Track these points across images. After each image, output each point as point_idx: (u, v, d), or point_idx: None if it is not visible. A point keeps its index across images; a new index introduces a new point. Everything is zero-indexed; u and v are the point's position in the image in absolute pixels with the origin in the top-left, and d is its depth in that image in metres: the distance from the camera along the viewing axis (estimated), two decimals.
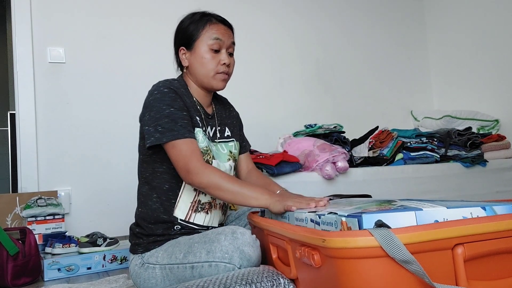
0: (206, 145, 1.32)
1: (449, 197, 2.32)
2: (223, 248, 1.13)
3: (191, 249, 1.19)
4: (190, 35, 1.36)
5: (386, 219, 0.79)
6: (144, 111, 1.30)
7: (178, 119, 1.25)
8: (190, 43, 1.36)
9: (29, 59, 2.41)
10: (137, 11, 2.69)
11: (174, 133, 1.22)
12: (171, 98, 1.27)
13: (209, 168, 1.22)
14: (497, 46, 3.02)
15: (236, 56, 1.49)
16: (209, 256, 1.15)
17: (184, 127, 1.24)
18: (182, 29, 1.39)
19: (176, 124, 1.24)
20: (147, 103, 1.30)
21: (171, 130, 1.23)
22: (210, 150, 1.33)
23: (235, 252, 1.12)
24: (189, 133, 1.25)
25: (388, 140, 2.39)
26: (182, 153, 1.22)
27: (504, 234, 0.82)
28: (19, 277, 1.55)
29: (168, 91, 1.28)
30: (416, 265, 0.73)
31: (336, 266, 0.78)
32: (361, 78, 3.35)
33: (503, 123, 2.96)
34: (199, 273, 1.16)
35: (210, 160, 1.32)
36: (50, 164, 2.40)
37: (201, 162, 1.22)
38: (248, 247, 1.14)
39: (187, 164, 1.21)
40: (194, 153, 1.22)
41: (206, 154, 1.31)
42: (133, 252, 1.33)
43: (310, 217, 0.97)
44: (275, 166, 1.97)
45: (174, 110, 1.25)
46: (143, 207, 1.34)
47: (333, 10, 3.32)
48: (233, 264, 1.12)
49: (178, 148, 1.23)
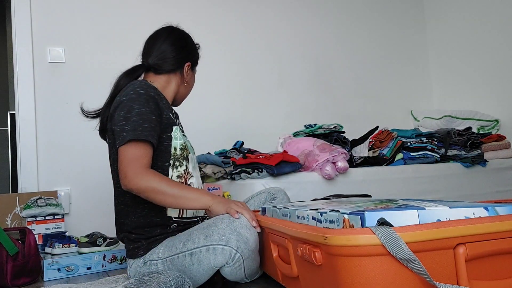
0: (184, 141, 1.36)
1: (449, 197, 2.32)
2: (220, 230, 1.15)
3: (190, 237, 1.21)
4: (197, 59, 1.54)
5: (388, 217, 0.79)
6: (114, 109, 1.28)
7: (146, 120, 1.23)
8: (194, 64, 1.53)
9: (29, 59, 2.41)
10: (137, 11, 2.69)
11: (137, 133, 1.20)
12: (145, 99, 1.26)
13: (149, 173, 1.20)
14: (497, 46, 3.02)
15: (236, 56, 1.51)
16: (207, 240, 1.17)
17: (148, 130, 1.22)
18: (194, 48, 1.52)
19: (142, 124, 1.22)
20: (119, 101, 1.27)
21: (135, 129, 1.21)
22: (186, 145, 1.37)
23: (232, 234, 1.14)
24: (151, 137, 1.22)
25: (388, 140, 2.39)
26: (126, 157, 1.20)
27: (505, 234, 0.82)
28: (18, 277, 1.54)
29: (144, 93, 1.27)
30: (418, 264, 0.73)
31: (338, 264, 0.78)
32: (361, 78, 3.35)
33: (503, 123, 2.96)
34: (197, 259, 1.18)
35: (187, 155, 1.36)
36: (50, 164, 2.40)
37: (142, 167, 1.20)
38: (245, 229, 1.16)
39: (125, 168, 1.19)
40: (137, 159, 1.20)
41: (185, 150, 1.35)
42: (133, 257, 1.31)
43: (312, 214, 0.97)
44: (275, 166, 1.96)
45: (145, 111, 1.24)
46: (131, 217, 1.32)
47: (332, 10, 3.32)
48: (230, 247, 1.14)
49: (126, 150, 1.20)
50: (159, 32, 1.47)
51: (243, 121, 2.91)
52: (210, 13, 2.86)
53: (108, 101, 1.39)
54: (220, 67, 2.87)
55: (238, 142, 2.37)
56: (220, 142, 2.67)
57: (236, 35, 2.96)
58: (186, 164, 1.35)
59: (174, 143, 1.33)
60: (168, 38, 1.44)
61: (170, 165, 1.32)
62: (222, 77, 2.87)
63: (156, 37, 1.46)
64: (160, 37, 1.45)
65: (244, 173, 2.01)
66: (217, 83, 2.85)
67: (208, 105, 2.80)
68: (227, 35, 2.91)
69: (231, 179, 2.13)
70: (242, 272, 1.19)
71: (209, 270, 1.19)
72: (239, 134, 2.85)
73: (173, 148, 1.32)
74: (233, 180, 2.09)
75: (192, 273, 1.20)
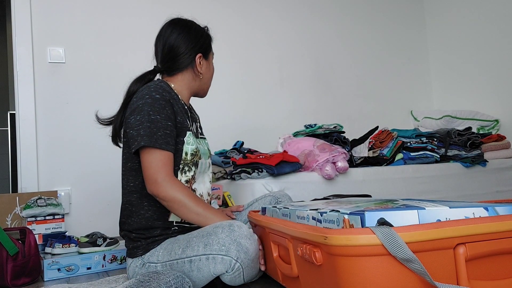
0: (196, 147, 1.34)
1: (449, 197, 2.32)
2: (220, 240, 1.15)
3: (189, 244, 1.21)
4: (208, 46, 1.46)
5: (388, 217, 0.79)
6: (131, 113, 1.28)
7: (161, 128, 1.24)
8: (206, 51, 1.44)
9: (29, 59, 2.41)
10: (136, 11, 2.69)
11: (152, 141, 1.22)
12: (160, 105, 1.26)
13: (177, 184, 1.23)
14: (497, 46, 3.02)
15: (236, 57, 1.51)
16: (207, 249, 1.16)
17: (163, 137, 1.23)
18: (203, 37, 1.43)
19: (157, 133, 1.23)
20: (135, 105, 1.27)
21: (150, 136, 1.22)
22: (198, 150, 1.35)
23: (232, 245, 1.14)
24: (166, 145, 1.24)
25: (388, 140, 2.39)
26: (154, 162, 1.22)
27: (505, 234, 0.82)
28: (18, 277, 1.54)
29: (159, 98, 1.27)
30: (418, 264, 0.73)
31: (338, 264, 0.78)
32: (361, 78, 3.35)
33: (503, 123, 2.96)
34: (197, 267, 1.18)
35: (198, 160, 1.34)
36: (50, 164, 2.40)
37: (170, 176, 1.23)
38: (245, 239, 1.15)
39: (156, 174, 1.21)
40: (165, 166, 1.23)
41: (195, 156, 1.33)
42: (131, 256, 1.31)
43: (312, 214, 0.97)
44: (275, 166, 1.96)
45: (160, 118, 1.25)
46: (134, 217, 1.32)
47: (333, 10, 3.32)
48: (230, 257, 1.14)
49: (152, 155, 1.23)
50: (161, 31, 1.43)
51: (243, 121, 2.91)
52: (210, 13, 2.86)
53: (121, 108, 1.39)
54: (221, 67, 2.87)
55: (238, 142, 2.37)
56: (220, 142, 2.67)
57: (236, 35, 2.96)
58: (194, 170, 1.34)
59: (186, 148, 1.32)
60: (172, 35, 1.39)
61: (180, 169, 1.31)
62: (222, 77, 2.87)
63: (159, 37, 1.43)
64: (163, 36, 1.41)
65: (244, 173, 2.01)
66: (217, 83, 2.84)
67: (208, 105, 2.79)
68: (227, 34, 2.91)
69: (231, 179, 2.13)
70: (241, 279, 1.19)
71: (209, 277, 1.19)
72: (239, 134, 2.85)
73: (184, 153, 1.31)
74: (233, 180, 2.09)
75: (192, 278, 1.20)
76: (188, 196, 1.23)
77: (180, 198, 1.21)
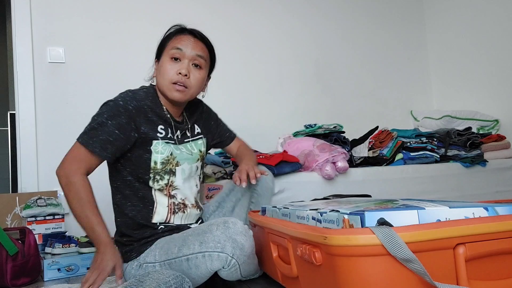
0: (168, 155, 1.33)
1: (449, 197, 2.31)
2: (215, 238, 1.15)
3: (185, 242, 1.21)
4: (160, 47, 1.37)
5: (388, 217, 0.79)
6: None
7: (105, 133, 1.23)
8: (159, 54, 1.37)
9: (29, 59, 2.41)
10: (136, 12, 2.69)
11: (89, 142, 1.23)
12: (117, 112, 1.25)
13: (78, 176, 1.22)
14: (496, 46, 3.02)
15: (236, 57, 1.49)
16: (202, 247, 1.17)
17: (102, 142, 1.23)
18: (160, 42, 1.39)
19: (98, 136, 1.23)
20: (101, 106, 1.30)
21: (90, 137, 1.23)
22: (174, 157, 1.34)
23: (228, 241, 1.14)
24: (99, 149, 1.23)
25: (388, 140, 2.39)
26: (76, 155, 1.24)
27: (505, 234, 0.82)
28: (18, 277, 1.54)
29: (121, 105, 1.26)
30: (418, 264, 0.73)
31: (338, 264, 0.78)
32: (361, 78, 3.35)
33: (503, 123, 2.96)
34: (194, 264, 1.18)
35: (173, 168, 1.33)
36: (50, 164, 2.38)
37: (80, 170, 1.23)
38: (240, 236, 1.15)
39: (68, 161, 1.24)
40: (83, 162, 1.23)
41: (167, 164, 1.32)
42: (126, 260, 1.32)
43: (312, 214, 0.97)
44: (275, 166, 1.96)
45: (110, 124, 1.24)
46: (121, 217, 1.35)
47: (332, 10, 3.32)
48: (225, 253, 1.14)
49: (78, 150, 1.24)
50: None
51: (243, 121, 2.90)
52: (209, 14, 2.86)
53: None
54: (220, 67, 2.86)
55: None
56: None
57: (235, 35, 2.96)
58: (169, 178, 1.33)
59: (155, 157, 1.31)
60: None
61: (150, 178, 1.31)
62: (221, 77, 2.86)
63: None
64: None
65: None
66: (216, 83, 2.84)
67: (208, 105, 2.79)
68: (226, 35, 2.91)
69: (231, 179, 2.12)
70: (238, 274, 1.21)
71: (207, 273, 1.20)
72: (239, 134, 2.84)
73: (153, 162, 1.31)
74: None
75: (191, 276, 1.21)
76: (85, 192, 1.21)
77: (75, 181, 1.21)
